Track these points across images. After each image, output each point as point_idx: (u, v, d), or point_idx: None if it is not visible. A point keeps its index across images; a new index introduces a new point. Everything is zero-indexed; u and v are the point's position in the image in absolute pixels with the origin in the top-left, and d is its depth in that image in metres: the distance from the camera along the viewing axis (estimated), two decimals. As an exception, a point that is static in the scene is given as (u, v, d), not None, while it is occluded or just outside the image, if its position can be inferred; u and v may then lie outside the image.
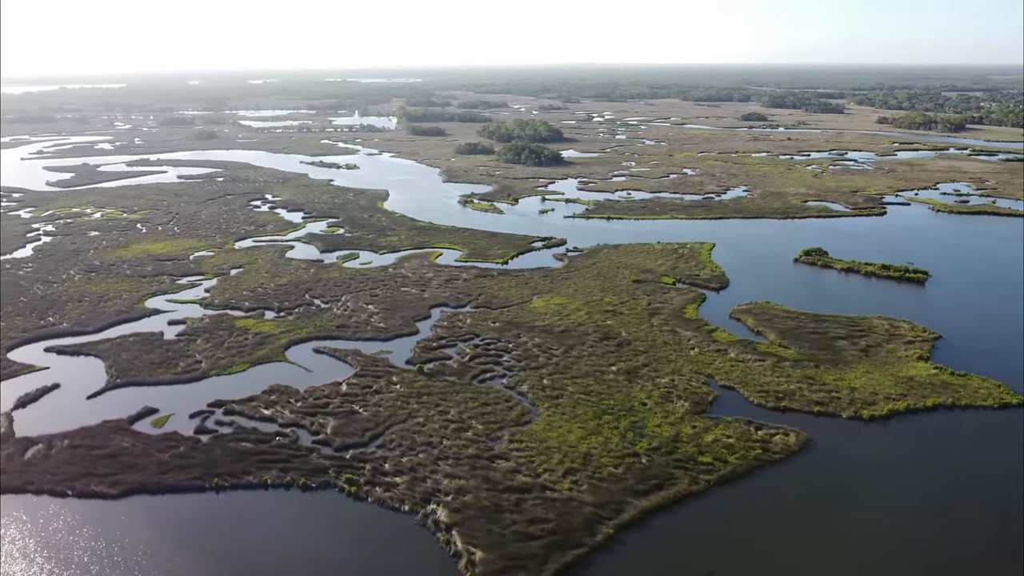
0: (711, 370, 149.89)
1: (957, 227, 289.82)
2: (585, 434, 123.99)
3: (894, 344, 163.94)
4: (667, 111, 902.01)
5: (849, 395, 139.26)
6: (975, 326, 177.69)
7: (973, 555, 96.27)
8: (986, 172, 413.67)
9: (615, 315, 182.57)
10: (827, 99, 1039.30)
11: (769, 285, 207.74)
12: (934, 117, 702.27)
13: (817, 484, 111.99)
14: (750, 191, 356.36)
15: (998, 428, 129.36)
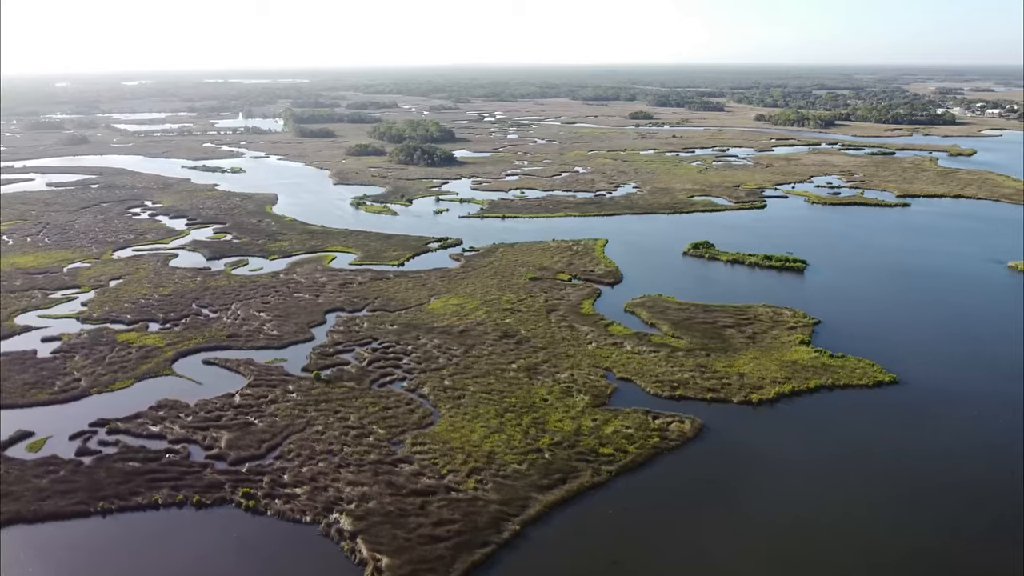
0: (609, 363, 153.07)
1: (831, 218, 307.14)
2: (488, 433, 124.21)
3: (778, 330, 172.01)
4: (557, 110, 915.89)
5: (739, 381, 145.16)
6: (850, 310, 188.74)
7: (861, 525, 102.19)
8: (854, 165, 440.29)
9: (513, 313, 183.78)
10: (708, 98, 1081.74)
11: (661, 278, 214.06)
12: (806, 114, 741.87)
13: (713, 468, 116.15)
14: (640, 187, 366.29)
15: (873, 405, 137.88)
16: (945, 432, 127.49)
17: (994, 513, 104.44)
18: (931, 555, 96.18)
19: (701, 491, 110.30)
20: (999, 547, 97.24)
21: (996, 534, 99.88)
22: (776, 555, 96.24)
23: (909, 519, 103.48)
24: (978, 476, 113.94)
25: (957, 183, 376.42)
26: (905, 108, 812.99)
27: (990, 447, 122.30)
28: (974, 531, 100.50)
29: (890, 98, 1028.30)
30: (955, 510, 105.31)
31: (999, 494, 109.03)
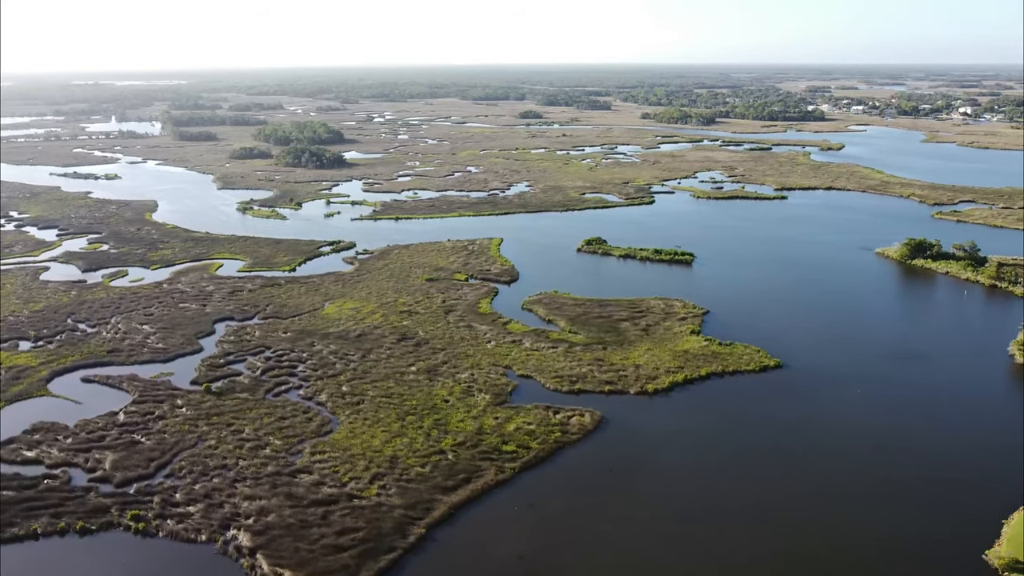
0: (508, 361, 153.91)
1: (715, 211, 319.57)
2: (389, 437, 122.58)
3: (670, 321, 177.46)
4: (447, 110, 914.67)
5: (635, 372, 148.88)
6: (736, 299, 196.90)
7: (755, 504, 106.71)
8: (735, 161, 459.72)
9: (411, 315, 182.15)
10: (596, 97, 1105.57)
11: (556, 275, 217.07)
12: (689, 112, 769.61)
13: (613, 458, 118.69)
14: (532, 186, 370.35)
15: (761, 389, 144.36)
16: (829, 412, 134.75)
17: (878, 484, 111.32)
18: (821, 526, 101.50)
19: (603, 481, 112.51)
20: (883, 513, 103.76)
21: (881, 502, 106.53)
22: (676, 538, 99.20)
23: (800, 495, 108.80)
24: (862, 452, 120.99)
25: (828, 176, 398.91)
26: (779, 105, 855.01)
27: (873, 426, 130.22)
28: (861, 502, 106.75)
29: (765, 96, 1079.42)
30: (844, 486, 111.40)
31: (882, 466, 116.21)
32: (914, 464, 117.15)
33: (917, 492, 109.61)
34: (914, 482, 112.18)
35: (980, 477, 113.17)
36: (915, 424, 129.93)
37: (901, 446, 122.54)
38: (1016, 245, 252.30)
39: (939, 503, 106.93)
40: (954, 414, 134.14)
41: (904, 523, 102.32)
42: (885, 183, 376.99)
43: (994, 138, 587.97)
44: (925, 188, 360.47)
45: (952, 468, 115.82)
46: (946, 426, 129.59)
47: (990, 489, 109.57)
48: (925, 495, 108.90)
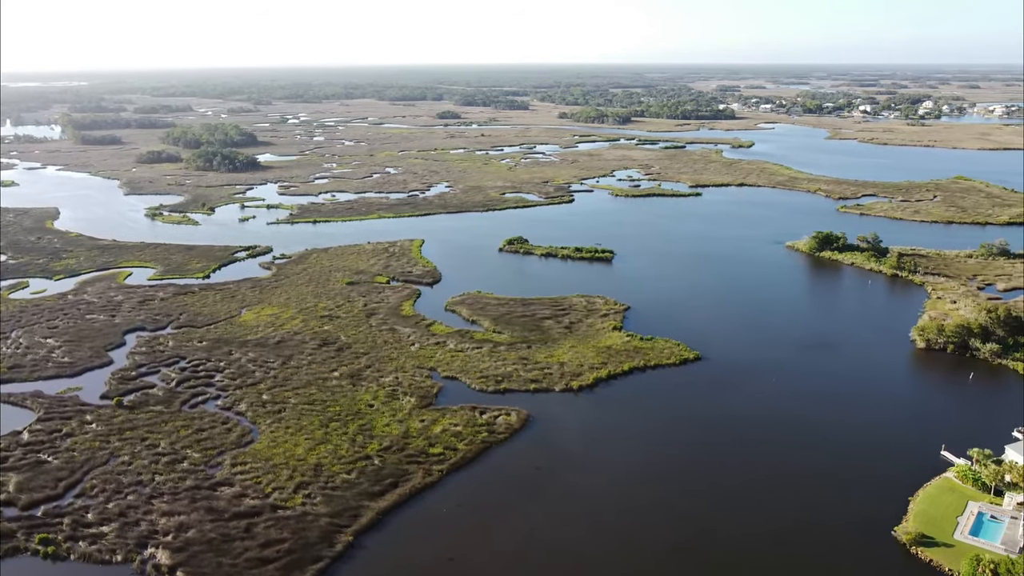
0: (433, 363, 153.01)
1: (633, 209, 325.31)
2: (313, 444, 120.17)
3: (592, 318, 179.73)
4: (364, 111, 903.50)
5: (559, 370, 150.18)
6: (656, 295, 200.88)
7: (678, 491, 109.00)
8: (651, 159, 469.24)
9: (332, 320, 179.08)
10: (513, 96, 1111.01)
11: (479, 275, 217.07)
12: (605, 111, 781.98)
13: (540, 455, 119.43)
14: (452, 186, 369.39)
15: (682, 381, 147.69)
16: (747, 401, 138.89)
17: (795, 469, 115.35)
18: (741, 510, 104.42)
19: (530, 478, 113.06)
20: (799, 495, 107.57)
21: (797, 485, 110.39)
22: (602, 530, 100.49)
23: (721, 482, 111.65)
24: (779, 439, 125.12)
25: (740, 173, 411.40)
26: (692, 105, 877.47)
27: (788, 413, 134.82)
28: (779, 486, 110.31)
29: (678, 96, 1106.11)
30: (762, 472, 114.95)
31: (797, 451, 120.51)
32: (827, 448, 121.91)
33: (831, 474, 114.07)
34: (827, 465, 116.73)
35: (888, 457, 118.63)
36: (827, 409, 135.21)
37: (814, 431, 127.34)
38: (914, 236, 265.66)
39: (851, 483, 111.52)
40: (862, 398, 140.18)
41: (819, 504, 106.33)
42: (793, 179, 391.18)
43: (891, 135, 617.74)
44: (830, 183, 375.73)
45: (862, 450, 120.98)
46: (855, 410, 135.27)
47: (897, 468, 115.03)
48: (838, 477, 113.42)
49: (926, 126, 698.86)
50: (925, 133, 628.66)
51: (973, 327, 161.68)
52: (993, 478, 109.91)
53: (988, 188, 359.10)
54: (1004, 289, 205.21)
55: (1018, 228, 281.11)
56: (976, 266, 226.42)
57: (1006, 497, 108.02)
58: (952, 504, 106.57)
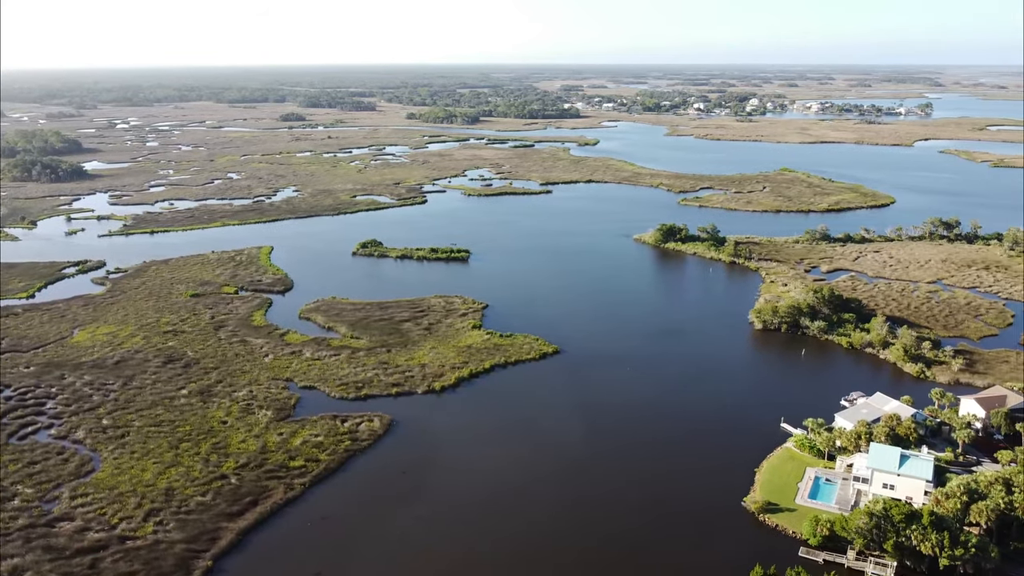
0: (289, 373, 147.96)
1: (486, 208, 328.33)
2: (163, 468, 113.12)
3: (451, 319, 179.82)
4: (201, 114, 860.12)
5: (421, 372, 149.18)
6: (513, 292, 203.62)
7: (548, 480, 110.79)
8: (502, 158, 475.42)
9: (177, 335, 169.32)
10: (360, 97, 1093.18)
11: (333, 280, 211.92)
12: (454, 111, 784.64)
13: (405, 459, 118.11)
14: (300, 190, 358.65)
15: (542, 374, 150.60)
16: (605, 390, 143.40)
17: (652, 450, 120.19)
18: (604, 493, 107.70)
19: (397, 483, 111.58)
20: (657, 474, 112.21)
21: (655, 466, 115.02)
22: (472, 529, 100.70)
23: (585, 468, 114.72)
24: (635, 422, 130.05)
25: (587, 169, 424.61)
26: (538, 104, 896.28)
27: (643, 397, 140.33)
28: (638, 467, 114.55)
29: (525, 95, 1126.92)
30: (622, 455, 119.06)
31: (653, 433, 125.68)
32: (680, 428, 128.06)
33: (685, 453, 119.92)
34: (681, 445, 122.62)
35: (735, 433, 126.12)
36: (678, 393, 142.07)
37: (668, 414, 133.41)
38: (748, 225, 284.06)
39: (703, 460, 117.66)
40: (709, 380, 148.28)
41: (676, 482, 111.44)
42: (637, 174, 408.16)
43: (724, 130, 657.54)
44: (671, 178, 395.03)
45: (712, 428, 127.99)
46: (704, 391, 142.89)
47: (744, 442, 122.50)
48: (691, 455, 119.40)
49: (753, 122, 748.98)
50: (753, 129, 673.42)
51: (802, 307, 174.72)
52: (826, 444, 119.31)
53: (809, 178, 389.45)
54: (827, 271, 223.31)
55: (836, 214, 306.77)
56: (803, 250, 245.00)
57: (838, 461, 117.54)
58: (793, 472, 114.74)
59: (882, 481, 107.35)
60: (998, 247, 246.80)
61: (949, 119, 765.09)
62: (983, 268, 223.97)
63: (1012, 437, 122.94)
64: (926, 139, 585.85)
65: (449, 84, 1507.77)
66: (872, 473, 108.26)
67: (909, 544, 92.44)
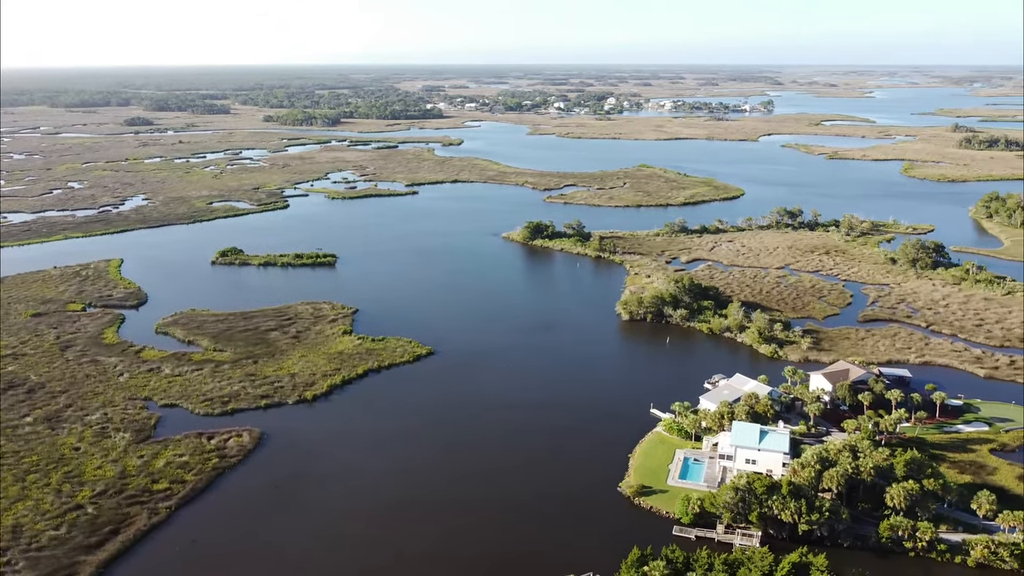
0: (148, 392, 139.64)
1: (351, 211, 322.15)
2: (8, 504, 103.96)
3: (321, 325, 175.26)
4: (34, 119, 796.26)
5: (291, 382, 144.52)
6: (384, 294, 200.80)
7: (427, 481, 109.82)
8: (365, 160, 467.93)
9: (17, 358, 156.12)
10: (212, 100, 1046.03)
11: (192, 292, 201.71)
12: (313, 113, 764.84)
13: (279, 472, 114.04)
14: (151, 199, 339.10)
15: (417, 376, 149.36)
16: (481, 387, 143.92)
17: (530, 441, 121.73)
18: (485, 488, 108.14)
19: (271, 498, 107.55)
20: (537, 465, 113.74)
21: (533, 456, 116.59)
22: (351, 538, 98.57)
23: (463, 466, 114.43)
24: (513, 416, 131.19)
25: (453, 169, 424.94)
26: (400, 105, 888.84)
27: (519, 392, 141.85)
28: (517, 460, 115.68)
29: (386, 96, 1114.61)
30: (501, 449, 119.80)
31: (531, 425, 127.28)
32: (556, 419, 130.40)
33: (562, 445, 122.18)
34: (558, 437, 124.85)
35: (608, 421, 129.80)
36: (553, 386, 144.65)
37: (544, 408, 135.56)
38: (611, 220, 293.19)
39: (580, 448, 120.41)
40: (582, 371, 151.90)
41: (554, 471, 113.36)
42: (502, 173, 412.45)
43: (584, 129, 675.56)
44: (536, 176, 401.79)
45: (586, 418, 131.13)
46: (577, 383, 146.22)
47: (617, 430, 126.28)
48: (568, 444, 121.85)
49: (612, 120, 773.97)
50: (612, 126, 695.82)
51: (665, 297, 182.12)
52: (693, 426, 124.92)
53: (666, 174, 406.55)
54: (687, 261, 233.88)
55: (692, 207, 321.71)
56: (663, 243, 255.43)
57: (704, 441, 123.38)
58: (663, 454, 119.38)
59: (745, 457, 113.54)
60: (836, 233, 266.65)
61: (788, 115, 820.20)
62: (824, 253, 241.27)
63: (856, 407, 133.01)
64: (769, 134, 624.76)
65: (307, 86, 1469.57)
66: (735, 450, 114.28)
67: (771, 513, 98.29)
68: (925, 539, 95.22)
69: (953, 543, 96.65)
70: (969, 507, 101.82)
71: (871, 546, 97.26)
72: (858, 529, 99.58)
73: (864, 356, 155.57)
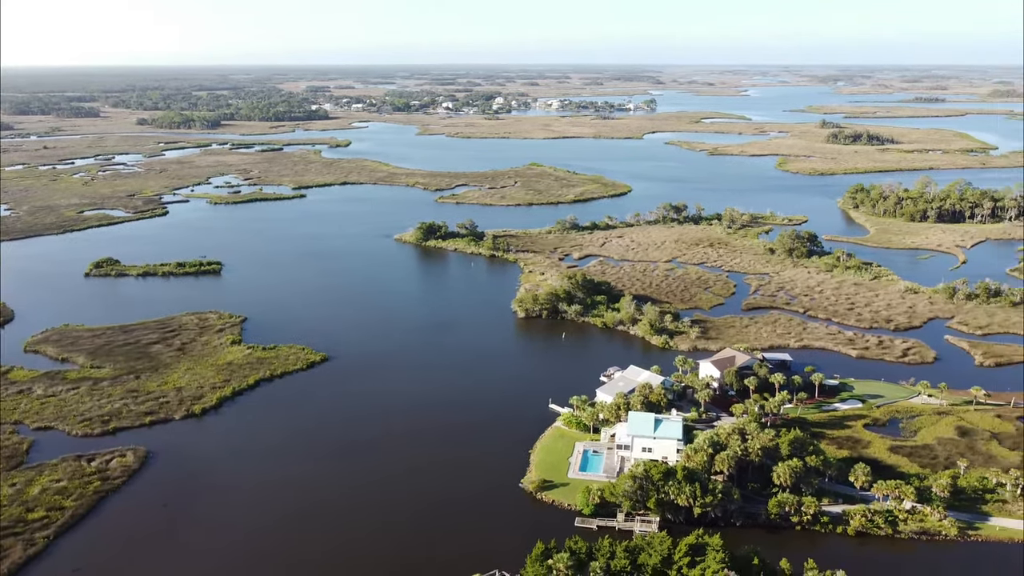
0: (18, 415, 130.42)
1: (236, 216, 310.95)
2: None
3: (207, 336, 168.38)
4: None
5: (177, 396, 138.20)
6: (274, 301, 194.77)
7: (326, 489, 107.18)
8: (249, 163, 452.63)
9: None
10: (79, 103, 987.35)
11: (64, 306, 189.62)
12: (191, 116, 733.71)
13: (168, 491, 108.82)
14: (14, 209, 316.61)
15: (311, 383, 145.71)
16: (378, 391, 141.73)
17: (432, 442, 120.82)
18: (386, 492, 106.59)
19: (161, 518, 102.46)
20: (441, 466, 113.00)
21: (436, 456, 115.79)
22: (243, 553, 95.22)
23: (362, 472, 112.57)
24: (413, 417, 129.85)
25: (341, 171, 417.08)
26: (284, 106, 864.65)
27: (419, 392, 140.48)
28: (420, 461, 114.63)
29: (269, 97, 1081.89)
30: (402, 451, 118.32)
31: (432, 426, 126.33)
32: (457, 419, 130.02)
33: (463, 442, 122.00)
34: (459, 434, 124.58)
35: (509, 418, 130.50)
36: (452, 387, 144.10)
37: (444, 406, 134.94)
38: (504, 219, 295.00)
39: (482, 447, 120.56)
40: (480, 369, 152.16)
41: (457, 471, 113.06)
42: (392, 174, 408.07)
43: (473, 128, 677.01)
44: (427, 176, 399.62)
45: (487, 415, 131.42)
46: (476, 382, 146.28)
47: (518, 427, 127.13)
48: (470, 443, 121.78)
49: (501, 119, 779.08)
50: (501, 126, 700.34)
51: (560, 293, 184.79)
52: (591, 419, 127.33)
53: (556, 172, 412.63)
54: (579, 257, 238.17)
55: (583, 204, 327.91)
56: (556, 240, 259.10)
57: (603, 433, 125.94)
58: (563, 448, 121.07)
59: (641, 445, 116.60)
60: (719, 226, 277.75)
61: (671, 113, 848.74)
62: (708, 245, 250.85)
63: (742, 392, 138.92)
64: (653, 132, 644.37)
65: (184, 87, 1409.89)
66: (632, 440, 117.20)
67: (668, 499, 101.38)
68: (810, 513, 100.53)
69: (834, 514, 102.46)
70: (847, 480, 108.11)
71: (761, 523, 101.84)
72: (749, 508, 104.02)
73: (748, 343, 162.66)
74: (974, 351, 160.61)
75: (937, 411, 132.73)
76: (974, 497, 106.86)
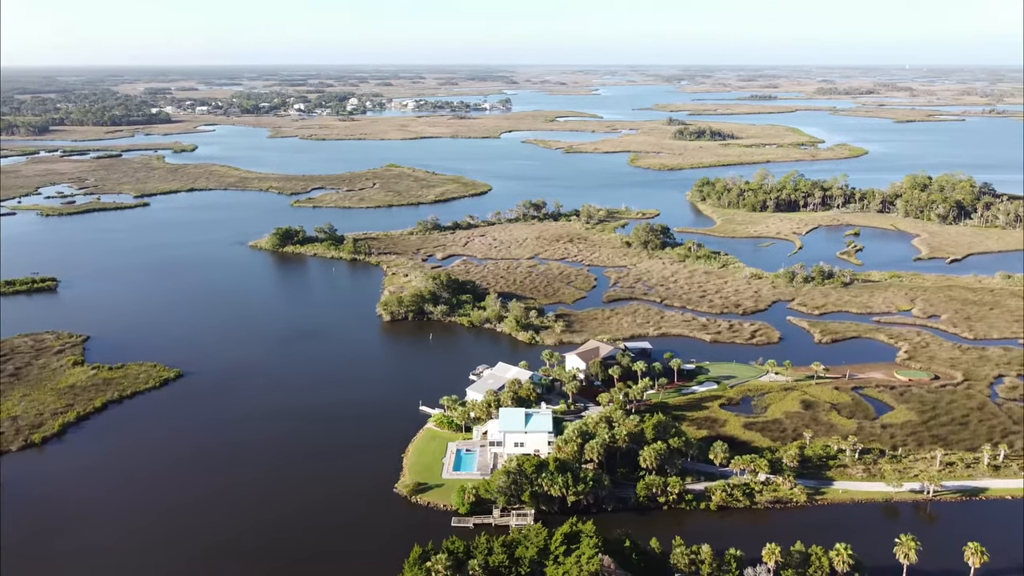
0: None
1: (72, 227, 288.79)
2: None
3: (44, 358, 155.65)
4: None
5: (13, 425, 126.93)
6: (120, 317, 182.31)
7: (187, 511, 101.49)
8: (83, 171, 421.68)
9: None
10: None
11: None
12: (15, 121, 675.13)
13: (7, 531, 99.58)
14: None
15: (165, 402, 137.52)
16: (238, 404, 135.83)
17: (299, 452, 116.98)
18: (254, 504, 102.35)
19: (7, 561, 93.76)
20: (311, 475, 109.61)
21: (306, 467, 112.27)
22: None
23: (226, 488, 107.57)
24: (276, 430, 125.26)
25: (188, 178, 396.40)
26: (121, 109, 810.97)
27: (282, 404, 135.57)
28: (288, 472, 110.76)
29: (103, 100, 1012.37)
30: (267, 464, 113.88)
31: (298, 436, 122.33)
32: (325, 428, 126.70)
33: (332, 451, 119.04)
34: (328, 443, 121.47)
35: (379, 423, 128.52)
36: (317, 395, 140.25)
37: (311, 416, 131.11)
38: (363, 221, 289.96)
39: (353, 454, 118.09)
40: (346, 377, 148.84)
41: (328, 480, 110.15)
42: (244, 179, 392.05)
43: (327, 130, 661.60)
44: (281, 180, 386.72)
45: (355, 424, 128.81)
46: (342, 389, 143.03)
47: (389, 431, 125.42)
48: (340, 451, 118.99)
49: (356, 120, 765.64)
50: (356, 127, 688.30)
51: (425, 294, 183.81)
52: (462, 418, 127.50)
53: (414, 172, 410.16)
54: (443, 257, 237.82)
55: (444, 204, 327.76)
56: (418, 241, 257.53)
57: (475, 431, 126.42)
58: (436, 449, 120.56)
59: (513, 441, 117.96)
60: (577, 222, 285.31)
61: (526, 112, 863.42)
62: (568, 241, 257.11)
63: (608, 381, 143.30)
64: (510, 131, 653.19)
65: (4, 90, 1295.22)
66: (504, 435, 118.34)
67: (542, 491, 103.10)
68: (675, 492, 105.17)
69: (698, 492, 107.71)
70: (708, 458, 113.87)
71: (631, 506, 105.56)
72: (619, 492, 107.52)
73: (611, 333, 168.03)
74: (813, 329, 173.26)
75: (784, 387, 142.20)
76: (819, 464, 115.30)
